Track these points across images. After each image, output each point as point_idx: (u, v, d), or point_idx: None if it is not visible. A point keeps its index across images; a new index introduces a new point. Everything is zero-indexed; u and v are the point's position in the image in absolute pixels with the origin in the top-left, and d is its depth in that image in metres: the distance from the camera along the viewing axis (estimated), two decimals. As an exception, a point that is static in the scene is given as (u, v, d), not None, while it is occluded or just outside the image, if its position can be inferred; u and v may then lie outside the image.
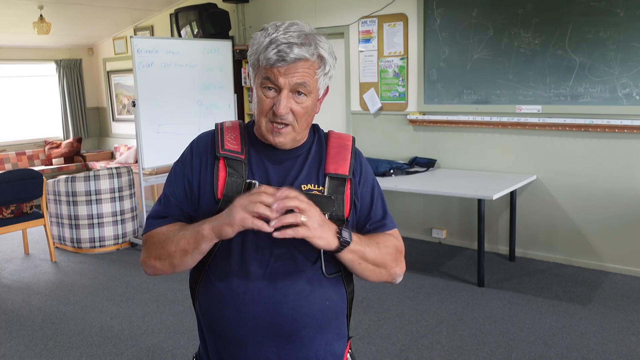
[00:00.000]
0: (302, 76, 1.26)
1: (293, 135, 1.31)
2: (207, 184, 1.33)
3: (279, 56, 1.23)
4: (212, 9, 6.15)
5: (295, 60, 1.24)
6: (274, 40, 1.24)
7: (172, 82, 5.38)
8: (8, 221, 4.93)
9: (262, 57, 1.26)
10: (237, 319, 1.30)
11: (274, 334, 1.31)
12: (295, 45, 1.24)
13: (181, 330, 3.63)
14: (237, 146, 1.35)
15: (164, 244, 1.31)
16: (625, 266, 4.44)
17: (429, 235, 5.44)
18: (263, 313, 1.29)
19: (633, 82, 4.18)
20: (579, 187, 4.56)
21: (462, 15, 4.88)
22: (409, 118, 5.32)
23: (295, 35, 1.25)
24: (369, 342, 3.41)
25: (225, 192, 1.30)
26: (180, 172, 1.39)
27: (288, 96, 1.27)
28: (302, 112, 1.29)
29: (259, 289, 1.29)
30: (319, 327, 1.34)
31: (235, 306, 1.30)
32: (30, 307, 4.15)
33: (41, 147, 8.52)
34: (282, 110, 1.26)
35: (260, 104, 1.29)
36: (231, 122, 1.42)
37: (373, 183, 1.45)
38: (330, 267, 1.35)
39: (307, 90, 1.28)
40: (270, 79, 1.26)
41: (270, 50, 1.24)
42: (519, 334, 3.47)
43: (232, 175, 1.31)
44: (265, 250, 1.29)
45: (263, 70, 1.27)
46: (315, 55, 1.27)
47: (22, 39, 7.56)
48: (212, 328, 1.36)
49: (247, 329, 1.31)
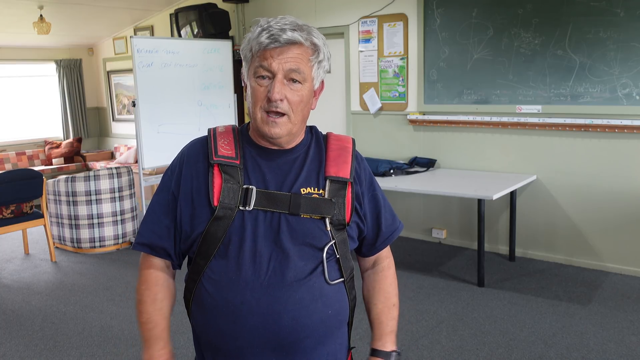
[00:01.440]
0: (296, 61, 1.23)
1: (289, 126, 1.26)
2: (201, 192, 1.29)
3: (272, 38, 1.21)
4: (212, 9, 6.15)
5: (288, 42, 1.22)
6: (266, 28, 1.24)
7: (172, 82, 5.38)
8: (8, 221, 4.93)
9: (255, 43, 1.24)
10: (235, 330, 1.25)
11: (274, 346, 1.26)
12: (288, 29, 1.23)
13: (181, 330, 3.63)
14: (231, 151, 1.30)
15: (138, 305, 1.38)
16: (625, 266, 4.44)
17: (429, 235, 5.44)
18: (261, 324, 1.24)
19: (633, 82, 4.18)
20: (579, 187, 4.56)
21: (462, 15, 4.88)
22: (409, 118, 5.32)
23: (287, 23, 1.24)
24: (368, 342, 3.41)
25: (222, 199, 1.26)
26: (167, 183, 1.36)
27: (282, 82, 1.23)
28: (297, 100, 1.25)
29: (257, 299, 1.23)
30: (321, 338, 1.29)
31: (232, 317, 1.25)
32: (30, 307, 4.15)
33: (41, 147, 8.52)
34: (277, 95, 1.22)
35: (254, 94, 1.25)
36: (224, 126, 1.38)
37: (377, 187, 1.44)
38: (332, 273, 1.31)
39: (302, 78, 1.24)
40: (264, 65, 1.23)
41: (263, 35, 1.23)
42: (519, 334, 3.47)
43: (228, 182, 1.27)
44: (263, 258, 1.24)
45: (256, 58, 1.24)
46: (308, 41, 1.25)
47: (22, 39, 7.56)
48: (208, 340, 1.31)
49: (245, 341, 1.25)
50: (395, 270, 1.52)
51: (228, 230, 1.26)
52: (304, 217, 1.27)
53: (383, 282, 1.48)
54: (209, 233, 1.26)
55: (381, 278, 1.48)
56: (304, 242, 1.27)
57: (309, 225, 1.28)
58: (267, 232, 1.26)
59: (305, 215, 1.27)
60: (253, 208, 1.26)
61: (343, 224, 1.31)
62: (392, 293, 1.48)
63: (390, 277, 1.49)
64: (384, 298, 1.47)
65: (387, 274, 1.49)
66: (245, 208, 1.26)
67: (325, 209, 1.28)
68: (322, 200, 1.28)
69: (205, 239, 1.27)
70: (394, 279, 1.50)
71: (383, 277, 1.48)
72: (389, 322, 1.46)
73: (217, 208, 1.25)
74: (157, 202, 1.36)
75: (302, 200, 1.27)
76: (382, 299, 1.47)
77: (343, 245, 1.32)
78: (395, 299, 1.48)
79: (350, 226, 1.34)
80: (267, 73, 1.23)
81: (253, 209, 1.26)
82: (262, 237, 1.26)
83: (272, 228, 1.26)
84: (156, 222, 1.34)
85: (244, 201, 1.26)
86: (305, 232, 1.27)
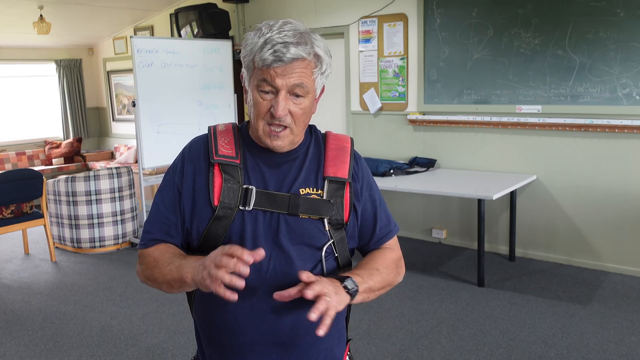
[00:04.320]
0: (300, 77, 1.23)
1: (291, 137, 1.28)
2: (202, 191, 1.30)
3: (276, 56, 1.19)
4: (212, 9, 6.15)
5: (292, 60, 1.21)
6: (268, 40, 1.21)
7: (172, 82, 5.38)
8: (8, 221, 4.93)
9: (258, 58, 1.22)
10: (236, 326, 1.28)
11: (274, 342, 1.28)
12: (291, 44, 1.20)
13: (181, 330, 3.63)
14: (231, 151, 1.31)
15: (153, 270, 1.29)
16: (625, 266, 4.44)
17: (429, 235, 5.44)
18: (262, 321, 1.27)
19: (633, 82, 4.18)
20: (579, 187, 4.56)
21: (462, 15, 4.88)
22: (409, 118, 5.32)
23: (290, 35, 1.21)
24: (369, 342, 3.41)
25: (222, 198, 1.27)
26: (170, 180, 1.36)
27: (286, 98, 1.23)
28: (300, 113, 1.26)
29: (258, 296, 1.26)
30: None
31: (233, 314, 1.28)
32: (30, 307, 4.15)
33: (41, 147, 8.52)
34: (281, 113, 1.22)
35: (257, 107, 1.25)
36: (224, 125, 1.38)
37: (374, 187, 1.44)
38: (331, 271, 1.33)
39: (305, 91, 1.25)
40: (267, 80, 1.22)
41: (266, 51, 1.20)
42: (519, 334, 3.47)
43: (228, 181, 1.28)
44: (263, 258, 1.25)
45: (259, 71, 1.23)
46: (311, 54, 1.24)
47: (22, 39, 7.56)
48: (210, 335, 1.34)
49: (245, 337, 1.28)
50: (400, 261, 1.46)
51: (228, 229, 1.27)
52: (303, 217, 1.29)
53: (379, 252, 1.44)
54: (209, 232, 1.28)
55: (379, 251, 1.44)
56: (303, 242, 1.29)
57: (307, 225, 1.29)
58: (266, 231, 1.28)
59: (303, 216, 1.29)
60: (253, 208, 1.28)
61: (341, 224, 1.33)
62: (381, 264, 1.39)
63: (388, 256, 1.43)
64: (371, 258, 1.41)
65: (387, 253, 1.43)
66: (245, 208, 1.27)
67: (323, 209, 1.30)
68: (321, 201, 1.30)
69: (206, 238, 1.29)
70: (393, 262, 1.42)
71: (381, 251, 1.44)
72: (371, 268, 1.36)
73: (217, 208, 1.27)
74: (162, 201, 1.35)
75: (301, 201, 1.29)
76: (370, 258, 1.41)
77: (341, 244, 1.34)
78: (384, 270, 1.38)
79: (349, 225, 1.35)
80: (270, 89, 1.23)
81: (253, 209, 1.28)
82: (262, 236, 1.28)
83: (272, 228, 1.28)
84: (163, 221, 1.34)
85: (243, 201, 1.28)
86: (303, 232, 1.29)
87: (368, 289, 1.30)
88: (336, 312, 1.18)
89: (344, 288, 1.22)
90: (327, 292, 1.16)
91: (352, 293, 1.24)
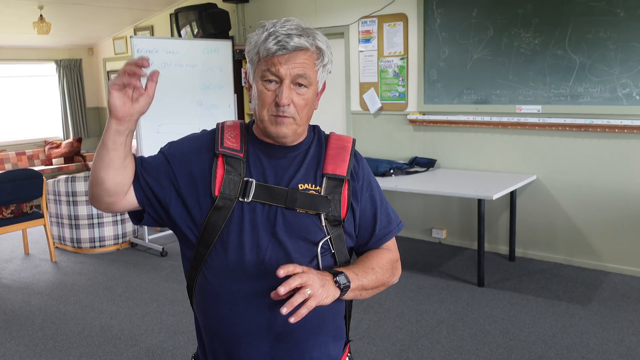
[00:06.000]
0: (303, 67, 1.26)
1: (295, 127, 1.30)
2: (204, 180, 1.32)
3: (280, 45, 1.24)
4: (212, 9, 6.15)
5: (295, 49, 1.25)
6: (272, 32, 1.26)
7: (172, 82, 5.38)
8: (8, 221, 4.93)
9: (262, 49, 1.26)
10: (231, 317, 1.31)
11: (268, 334, 1.31)
12: (294, 35, 1.25)
13: (181, 330, 3.63)
14: (236, 144, 1.35)
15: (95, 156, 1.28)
16: (625, 266, 4.44)
17: (429, 235, 5.44)
18: (257, 312, 1.29)
19: (633, 82, 4.18)
20: (579, 187, 4.56)
21: (462, 15, 4.88)
22: (409, 118, 5.32)
23: (293, 27, 1.27)
24: (369, 342, 3.41)
25: (223, 189, 1.30)
26: (168, 148, 1.38)
27: (289, 87, 1.27)
28: (303, 103, 1.29)
29: (253, 287, 1.29)
30: (313, 328, 1.34)
31: (229, 304, 1.31)
32: (30, 307, 4.15)
33: (41, 147, 8.52)
34: (285, 101, 1.25)
35: (262, 97, 1.29)
36: (232, 121, 1.43)
37: (375, 188, 1.45)
38: (328, 267, 1.34)
39: (308, 82, 1.28)
40: (271, 70, 1.26)
41: (270, 41, 1.25)
42: (519, 334, 3.47)
43: (230, 173, 1.31)
44: (260, 249, 1.29)
45: (263, 62, 1.27)
46: (314, 46, 1.28)
47: (22, 39, 7.56)
48: (207, 326, 1.37)
49: (240, 328, 1.31)
50: (396, 262, 1.47)
51: (227, 220, 1.30)
52: (300, 212, 1.31)
53: (376, 251, 1.44)
54: (209, 222, 1.31)
55: (376, 250, 1.45)
56: (299, 236, 1.31)
57: (304, 220, 1.31)
58: (264, 224, 1.30)
59: (301, 210, 1.31)
60: (251, 200, 1.30)
61: (339, 220, 1.34)
62: (377, 263, 1.39)
63: (385, 256, 1.43)
64: (368, 257, 1.41)
65: (384, 253, 1.44)
66: (244, 200, 1.30)
67: (320, 205, 1.31)
68: (318, 196, 1.32)
69: (206, 228, 1.31)
70: (389, 262, 1.43)
71: (379, 250, 1.45)
72: (365, 266, 1.37)
73: (217, 198, 1.30)
74: (153, 158, 1.37)
75: (299, 196, 1.31)
76: (367, 256, 1.42)
77: (339, 240, 1.36)
78: (380, 269, 1.38)
79: (347, 223, 1.36)
80: (274, 78, 1.27)
81: (251, 201, 1.31)
82: (260, 228, 1.30)
83: (269, 220, 1.31)
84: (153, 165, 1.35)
85: (243, 193, 1.30)
86: (300, 226, 1.31)
87: (361, 287, 1.31)
88: (320, 304, 1.19)
89: (335, 282, 1.24)
90: (311, 283, 1.17)
91: (343, 288, 1.25)
